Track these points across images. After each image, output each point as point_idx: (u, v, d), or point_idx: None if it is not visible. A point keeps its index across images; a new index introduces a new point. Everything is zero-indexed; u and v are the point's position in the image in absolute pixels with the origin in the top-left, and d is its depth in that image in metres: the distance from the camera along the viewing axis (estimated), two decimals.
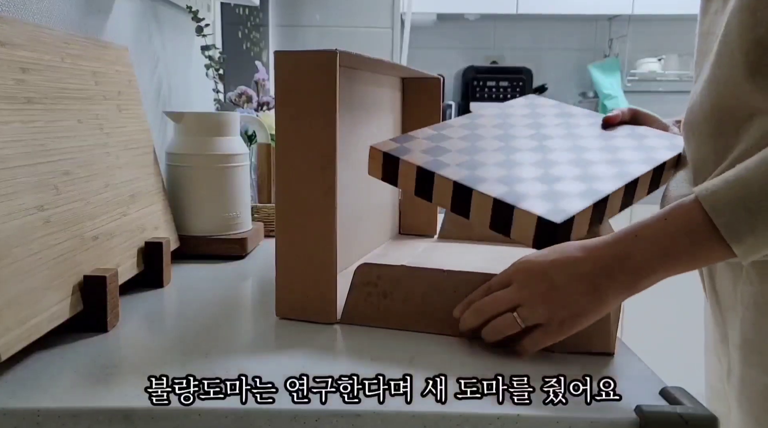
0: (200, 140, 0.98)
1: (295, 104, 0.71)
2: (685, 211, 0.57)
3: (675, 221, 0.57)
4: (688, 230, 0.56)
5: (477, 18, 2.98)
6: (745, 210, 0.53)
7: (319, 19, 2.73)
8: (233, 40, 1.98)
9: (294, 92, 0.71)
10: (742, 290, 0.71)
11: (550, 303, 0.60)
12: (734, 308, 0.73)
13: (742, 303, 0.71)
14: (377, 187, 0.88)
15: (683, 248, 0.57)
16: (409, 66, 1.02)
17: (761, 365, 0.69)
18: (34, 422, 0.51)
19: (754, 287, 0.69)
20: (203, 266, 0.95)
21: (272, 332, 0.70)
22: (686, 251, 0.57)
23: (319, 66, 0.70)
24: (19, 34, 0.68)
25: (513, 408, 0.52)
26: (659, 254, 0.57)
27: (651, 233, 0.57)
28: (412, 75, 1.08)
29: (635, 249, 0.57)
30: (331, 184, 0.70)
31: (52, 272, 0.64)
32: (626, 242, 0.58)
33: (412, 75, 1.08)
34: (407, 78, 1.13)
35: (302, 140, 0.70)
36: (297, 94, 0.70)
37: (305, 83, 0.70)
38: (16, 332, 0.57)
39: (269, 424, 0.52)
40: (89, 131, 0.77)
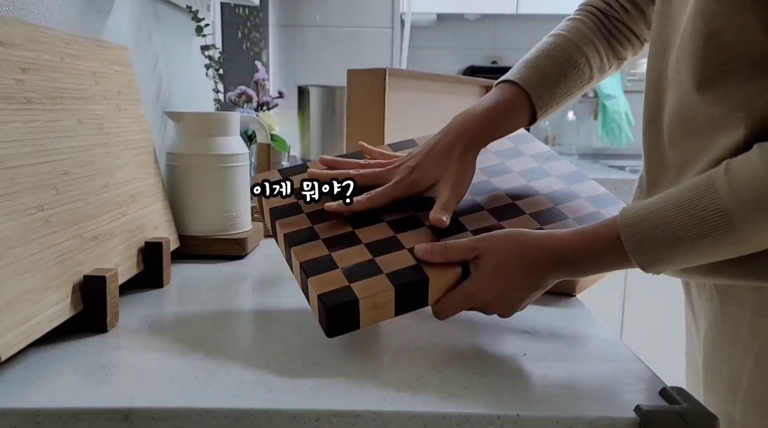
0: (200, 140, 0.98)
1: (359, 110, 0.98)
2: (607, 239, 0.61)
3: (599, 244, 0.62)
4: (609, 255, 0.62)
5: (477, 18, 2.98)
6: (655, 245, 0.58)
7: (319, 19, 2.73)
8: (233, 40, 1.98)
9: (359, 101, 0.98)
10: (705, 307, 0.70)
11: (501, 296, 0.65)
12: (701, 324, 0.72)
13: (706, 321, 0.71)
14: None
15: (601, 264, 0.63)
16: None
17: (719, 388, 0.68)
18: (34, 422, 0.51)
19: (714, 305, 0.69)
20: (203, 266, 0.95)
21: (272, 332, 0.70)
22: (603, 267, 0.63)
23: (374, 81, 0.98)
24: (18, 34, 0.68)
25: (513, 408, 0.52)
26: (584, 267, 0.63)
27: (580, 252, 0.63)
28: (490, 84, 1.31)
29: (569, 258, 0.63)
30: None
31: (52, 272, 0.64)
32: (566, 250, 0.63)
33: (490, 84, 1.31)
34: (489, 86, 1.34)
35: (363, 133, 0.97)
36: (360, 102, 0.98)
37: (366, 93, 0.97)
38: (16, 332, 0.57)
39: (269, 424, 0.52)
40: (89, 131, 0.77)
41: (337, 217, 0.72)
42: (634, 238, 0.59)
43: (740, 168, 0.56)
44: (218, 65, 1.45)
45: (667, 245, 0.58)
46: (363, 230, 0.70)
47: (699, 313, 0.73)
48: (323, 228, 0.71)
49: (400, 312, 0.65)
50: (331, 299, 0.62)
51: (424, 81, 1.20)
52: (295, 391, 0.55)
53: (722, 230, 0.56)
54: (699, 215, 0.56)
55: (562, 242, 0.63)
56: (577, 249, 0.62)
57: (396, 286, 0.63)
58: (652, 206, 0.59)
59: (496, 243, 0.64)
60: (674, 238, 0.57)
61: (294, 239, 0.69)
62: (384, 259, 0.66)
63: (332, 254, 0.67)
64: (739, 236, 0.56)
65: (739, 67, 0.60)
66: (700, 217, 0.56)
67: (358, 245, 0.68)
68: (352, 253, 0.67)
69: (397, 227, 0.70)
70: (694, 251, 0.58)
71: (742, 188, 0.55)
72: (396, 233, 0.70)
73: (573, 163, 2.61)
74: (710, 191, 0.56)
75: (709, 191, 0.57)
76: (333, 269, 0.65)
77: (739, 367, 0.65)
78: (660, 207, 0.59)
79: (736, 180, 0.56)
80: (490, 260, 0.63)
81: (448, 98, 1.29)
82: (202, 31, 1.40)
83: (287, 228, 0.71)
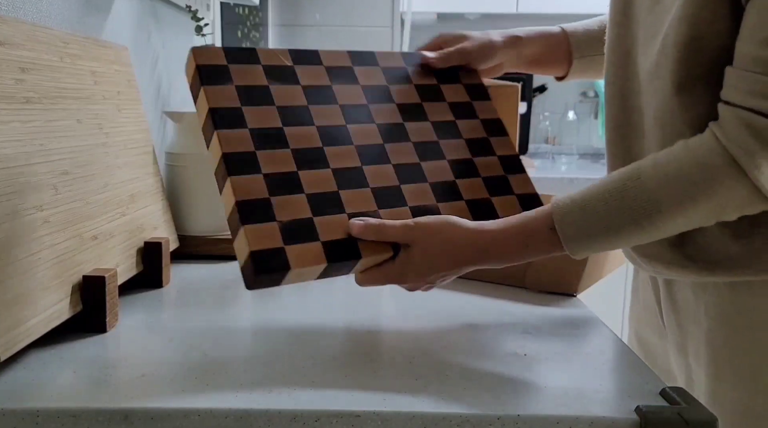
0: (200, 140, 0.98)
1: None
2: (541, 225, 0.66)
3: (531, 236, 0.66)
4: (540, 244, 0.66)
5: (477, 18, 2.98)
6: (586, 237, 0.64)
7: (319, 18, 2.72)
8: (233, 40, 1.98)
9: None
10: (707, 301, 0.71)
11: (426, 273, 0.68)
12: (697, 320, 0.73)
13: (707, 315, 0.71)
14: None
15: (529, 254, 0.67)
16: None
17: (734, 379, 0.69)
18: (33, 422, 0.51)
19: (723, 299, 0.70)
20: (203, 266, 0.95)
21: (272, 332, 0.70)
22: (530, 256, 0.67)
23: None
24: (18, 33, 0.68)
25: (513, 408, 0.52)
26: (511, 258, 0.67)
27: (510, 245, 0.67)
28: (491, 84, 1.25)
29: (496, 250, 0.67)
30: None
31: (51, 272, 0.64)
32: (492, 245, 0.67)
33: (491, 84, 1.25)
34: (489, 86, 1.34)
35: None
36: None
37: None
38: (15, 332, 0.57)
39: (269, 424, 0.52)
40: (88, 131, 0.77)
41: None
42: (568, 229, 0.64)
43: (667, 161, 0.62)
44: None
45: (596, 233, 0.64)
46: (307, 172, 0.68)
47: (694, 310, 0.74)
48: (267, 158, 0.67)
49: (321, 278, 0.67)
50: (263, 263, 0.61)
51: None
52: (295, 391, 0.55)
53: (650, 218, 0.62)
54: (628, 205, 0.62)
55: (493, 238, 0.67)
56: (507, 243, 0.67)
57: (328, 262, 0.64)
58: (585, 197, 0.65)
59: (428, 233, 0.67)
60: (604, 226, 0.63)
61: (234, 165, 0.65)
62: (323, 221, 0.66)
63: (272, 199, 0.65)
64: (665, 222, 0.62)
65: (713, 71, 0.65)
66: (629, 207, 0.62)
67: (299, 193, 0.66)
68: (293, 203, 0.65)
69: (340, 180, 0.69)
70: (619, 238, 0.64)
71: (669, 179, 0.61)
72: (339, 189, 0.69)
73: (573, 163, 2.61)
74: (638, 183, 0.63)
75: (637, 183, 0.63)
76: (270, 222, 0.63)
77: (759, 357, 0.68)
78: (591, 197, 0.64)
79: (663, 172, 0.62)
80: (419, 249, 0.66)
81: None
82: (201, 30, 1.40)
83: (229, 145, 0.66)
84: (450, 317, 0.75)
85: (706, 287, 0.71)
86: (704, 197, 0.60)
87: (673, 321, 0.77)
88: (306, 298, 0.81)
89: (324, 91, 0.74)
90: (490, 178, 0.77)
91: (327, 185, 0.68)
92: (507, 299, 0.82)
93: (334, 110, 0.73)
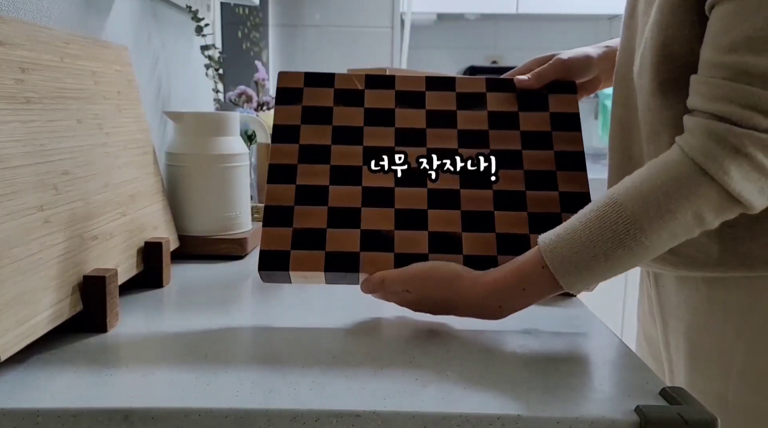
0: (200, 140, 0.98)
1: None
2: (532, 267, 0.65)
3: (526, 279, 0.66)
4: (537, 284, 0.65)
5: (477, 18, 2.98)
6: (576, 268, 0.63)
7: (319, 18, 2.73)
8: (233, 40, 1.98)
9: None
10: (687, 295, 0.74)
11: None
12: (677, 314, 0.76)
13: (687, 309, 0.75)
14: None
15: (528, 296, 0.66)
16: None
17: (708, 371, 0.72)
18: (34, 422, 0.51)
19: (700, 294, 0.73)
20: (203, 266, 0.95)
21: (272, 332, 0.70)
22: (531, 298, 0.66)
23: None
24: (18, 33, 0.68)
25: (513, 408, 0.52)
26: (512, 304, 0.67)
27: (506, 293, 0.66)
28: None
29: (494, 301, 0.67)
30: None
31: (52, 272, 0.64)
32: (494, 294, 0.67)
33: None
34: None
35: None
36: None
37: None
38: (15, 332, 0.57)
39: (269, 424, 0.52)
40: (88, 131, 0.77)
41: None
42: (559, 265, 0.63)
43: (640, 181, 0.63)
44: (218, 65, 1.45)
45: (586, 263, 0.62)
46: (337, 188, 0.72)
47: (676, 304, 0.77)
48: (305, 170, 0.73)
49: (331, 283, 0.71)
50: (267, 262, 0.69)
51: None
52: (295, 391, 0.55)
53: (635, 238, 0.61)
54: (611, 228, 0.62)
55: (487, 290, 0.66)
56: (504, 289, 0.66)
57: (326, 271, 0.68)
58: (568, 230, 0.64)
59: (428, 287, 0.68)
60: (592, 255, 0.62)
61: (274, 175, 0.73)
62: (334, 233, 0.70)
63: (296, 207, 0.71)
64: (650, 239, 0.61)
65: (684, 75, 0.66)
66: (612, 230, 0.62)
67: (323, 206, 0.71)
68: (314, 213, 0.71)
69: (367, 198, 0.72)
70: (610, 263, 0.62)
71: (644, 197, 0.61)
72: (362, 206, 0.72)
73: None
74: (615, 206, 0.62)
75: (614, 207, 0.62)
76: (286, 227, 0.70)
77: (731, 348, 0.71)
78: (573, 229, 0.64)
79: (637, 192, 0.62)
80: (417, 296, 0.68)
81: None
82: (202, 30, 1.40)
83: (276, 158, 0.74)
84: (450, 317, 0.75)
85: (687, 282, 0.75)
86: (681, 209, 0.60)
87: (659, 314, 0.80)
88: (306, 298, 0.81)
89: (384, 114, 0.77)
90: (537, 214, 0.72)
91: (352, 201, 0.71)
92: None
93: (387, 131, 0.75)
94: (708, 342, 0.73)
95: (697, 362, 0.74)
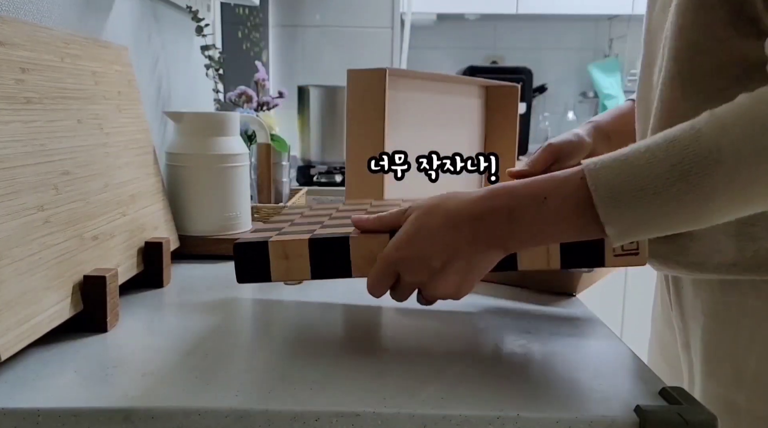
0: (200, 140, 0.98)
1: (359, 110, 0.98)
2: (567, 174, 0.55)
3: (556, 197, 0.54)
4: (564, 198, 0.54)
5: (477, 18, 2.98)
6: (619, 197, 0.52)
7: (319, 19, 2.73)
8: (233, 40, 1.98)
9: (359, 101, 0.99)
10: (703, 298, 0.72)
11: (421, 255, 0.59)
12: (695, 316, 0.74)
13: (703, 312, 0.72)
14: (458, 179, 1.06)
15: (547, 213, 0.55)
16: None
17: (720, 376, 0.70)
18: (34, 422, 0.51)
19: (715, 297, 0.71)
20: (203, 266, 0.95)
21: (272, 332, 0.70)
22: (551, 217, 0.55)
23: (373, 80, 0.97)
24: (18, 33, 0.68)
25: (513, 408, 0.52)
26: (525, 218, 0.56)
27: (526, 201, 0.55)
28: (491, 84, 1.34)
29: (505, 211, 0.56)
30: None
31: (52, 272, 0.64)
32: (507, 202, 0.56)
33: (491, 84, 1.34)
34: (489, 86, 1.37)
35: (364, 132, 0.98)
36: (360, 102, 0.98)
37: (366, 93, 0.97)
38: (16, 332, 0.57)
39: (269, 424, 0.52)
40: (89, 131, 0.77)
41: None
42: (600, 181, 0.52)
43: (727, 110, 0.52)
44: (218, 65, 1.45)
45: (632, 192, 0.51)
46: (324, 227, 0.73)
47: (693, 306, 0.74)
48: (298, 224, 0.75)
49: (318, 273, 0.61)
50: (242, 243, 0.65)
51: (424, 81, 1.21)
52: (295, 391, 0.55)
53: (707, 171, 0.50)
54: (678, 154, 0.50)
55: (505, 193, 0.56)
56: (523, 198, 0.54)
57: (311, 238, 0.62)
58: (624, 150, 0.54)
59: (425, 200, 0.60)
60: (640, 187, 0.51)
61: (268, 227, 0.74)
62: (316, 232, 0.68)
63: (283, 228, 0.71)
64: (727, 178, 0.49)
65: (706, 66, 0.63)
66: (679, 159, 0.50)
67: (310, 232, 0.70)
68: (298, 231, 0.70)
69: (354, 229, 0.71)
70: (661, 200, 0.51)
71: (733, 123, 0.50)
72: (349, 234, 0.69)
73: None
74: (692, 132, 0.51)
75: (690, 132, 0.51)
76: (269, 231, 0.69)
77: (745, 354, 0.68)
78: (631, 150, 0.53)
79: (721, 121, 0.51)
80: (412, 215, 0.60)
81: (448, 98, 1.29)
82: (202, 31, 1.40)
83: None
84: (450, 316, 0.75)
85: (702, 284, 0.72)
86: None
87: (678, 317, 0.78)
88: (306, 298, 0.81)
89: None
90: None
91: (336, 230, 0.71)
92: (507, 299, 0.82)
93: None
94: (722, 347, 0.70)
95: (711, 366, 0.72)
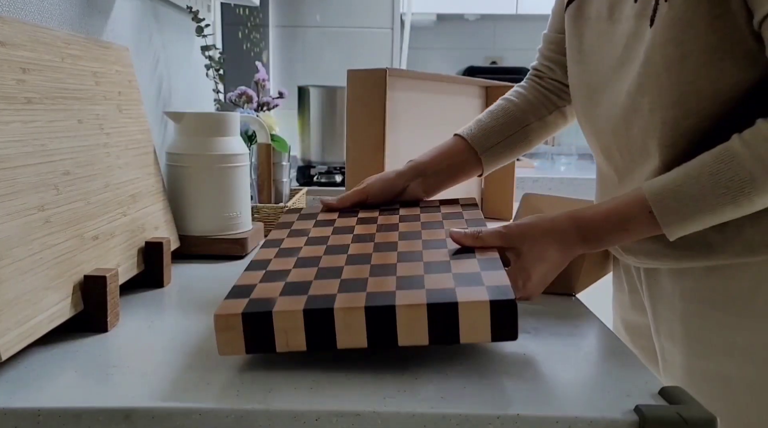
0: (200, 140, 0.98)
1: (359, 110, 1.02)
2: (638, 210, 0.70)
3: (629, 220, 0.70)
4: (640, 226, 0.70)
5: (477, 18, 2.98)
6: (681, 218, 0.67)
7: (319, 19, 2.73)
8: (233, 41, 1.98)
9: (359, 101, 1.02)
10: (683, 286, 0.77)
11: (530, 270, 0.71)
12: (672, 305, 0.78)
13: (683, 298, 0.77)
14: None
15: (627, 236, 0.71)
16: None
17: (707, 352, 0.75)
18: (34, 422, 0.51)
19: (699, 282, 0.75)
20: (203, 266, 0.95)
21: None
22: (628, 238, 0.71)
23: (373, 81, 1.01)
24: (19, 34, 0.69)
25: (513, 408, 0.52)
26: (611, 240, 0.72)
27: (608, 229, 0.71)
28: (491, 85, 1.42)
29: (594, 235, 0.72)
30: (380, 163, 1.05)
31: (52, 272, 0.64)
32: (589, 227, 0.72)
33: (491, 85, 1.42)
34: (489, 87, 1.43)
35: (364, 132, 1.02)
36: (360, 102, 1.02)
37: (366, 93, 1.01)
38: (16, 332, 0.57)
39: (269, 424, 0.52)
40: (89, 131, 0.77)
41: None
42: (666, 215, 0.68)
43: (755, 140, 0.65)
44: (218, 66, 1.45)
45: (691, 216, 0.67)
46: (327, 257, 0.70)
47: (670, 295, 0.78)
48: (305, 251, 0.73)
49: (314, 347, 0.58)
50: (248, 312, 0.58)
51: (423, 81, 1.21)
52: (295, 391, 0.55)
53: (744, 194, 0.65)
54: (724, 184, 0.66)
55: (591, 221, 0.71)
56: (606, 226, 0.71)
57: (304, 309, 0.57)
58: (677, 181, 0.68)
59: (524, 229, 0.71)
60: (698, 209, 0.67)
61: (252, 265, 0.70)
62: (318, 283, 0.63)
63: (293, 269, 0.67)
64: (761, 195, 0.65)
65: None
66: (725, 187, 0.65)
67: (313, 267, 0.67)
68: (304, 273, 0.66)
69: (351, 259, 0.69)
70: (714, 216, 0.67)
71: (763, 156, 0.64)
72: (345, 264, 0.67)
73: (573, 163, 2.61)
74: (734, 163, 0.65)
75: (732, 164, 0.65)
76: (279, 281, 0.64)
77: (734, 330, 0.73)
78: (683, 182, 0.68)
79: (756, 151, 0.64)
80: (527, 246, 0.70)
81: (447, 98, 1.29)
82: (202, 31, 1.40)
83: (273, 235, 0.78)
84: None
85: (683, 273, 0.76)
86: None
87: (650, 305, 0.82)
88: None
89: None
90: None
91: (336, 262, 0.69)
92: None
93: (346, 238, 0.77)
94: (707, 326, 0.74)
95: (694, 346, 0.76)
